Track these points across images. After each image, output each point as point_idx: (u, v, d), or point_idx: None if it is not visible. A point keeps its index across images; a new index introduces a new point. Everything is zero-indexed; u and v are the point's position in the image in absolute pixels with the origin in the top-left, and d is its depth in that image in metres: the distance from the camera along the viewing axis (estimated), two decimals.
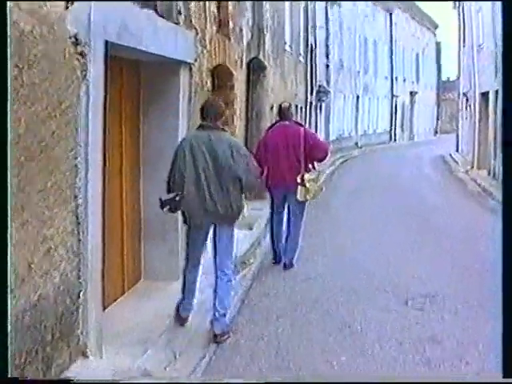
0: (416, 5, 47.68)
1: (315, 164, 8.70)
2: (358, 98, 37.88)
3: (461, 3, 28.28)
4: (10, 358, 3.87)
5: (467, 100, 27.17)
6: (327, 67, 30.92)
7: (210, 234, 6.20)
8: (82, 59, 4.75)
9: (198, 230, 6.14)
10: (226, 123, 6.50)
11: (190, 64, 7.69)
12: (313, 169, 8.56)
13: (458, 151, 31.71)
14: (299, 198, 8.32)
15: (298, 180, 8.22)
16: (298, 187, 8.24)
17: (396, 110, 44.74)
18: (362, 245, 10.22)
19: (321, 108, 29.42)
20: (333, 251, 9.78)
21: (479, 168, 22.15)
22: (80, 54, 4.72)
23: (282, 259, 8.75)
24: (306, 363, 5.53)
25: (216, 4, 9.40)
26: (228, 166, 5.86)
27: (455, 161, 28.20)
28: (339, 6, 32.53)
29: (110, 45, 5.19)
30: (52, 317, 4.54)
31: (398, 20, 44.29)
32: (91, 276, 5.13)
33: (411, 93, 48.24)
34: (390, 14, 42.87)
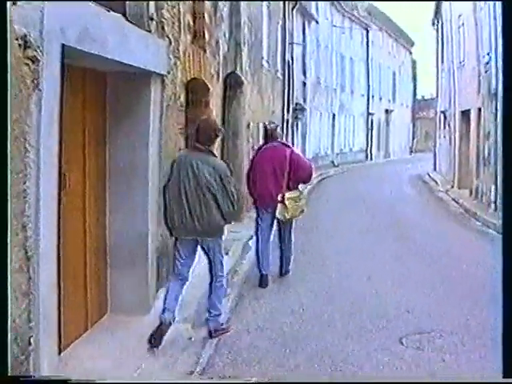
0: (393, 22, 47.60)
1: (299, 185, 8.96)
2: (334, 116, 37.53)
3: (440, 20, 27.96)
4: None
5: (445, 118, 26.77)
6: (304, 84, 30.49)
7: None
8: (32, 65, 4.03)
9: (182, 243, 6.46)
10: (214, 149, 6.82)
11: (162, 76, 7.01)
12: (294, 188, 8.78)
13: (435, 170, 31.32)
14: (278, 214, 8.63)
15: (279, 198, 8.53)
16: (278, 205, 8.56)
17: (372, 128, 44.53)
18: (348, 273, 9.54)
19: (297, 126, 28.91)
20: (315, 281, 9.04)
21: (460, 187, 21.68)
22: (30, 59, 4.00)
23: (266, 277, 8.74)
24: None
25: (191, 13, 8.75)
26: (209, 189, 6.20)
27: (434, 180, 27.75)
28: (317, 22, 32.13)
29: (68, 50, 4.49)
30: None
31: (374, 37, 44.15)
32: (44, 318, 4.42)
33: (387, 111, 48.13)
34: (367, 31, 42.66)
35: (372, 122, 44.43)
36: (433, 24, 30.23)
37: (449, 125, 25.49)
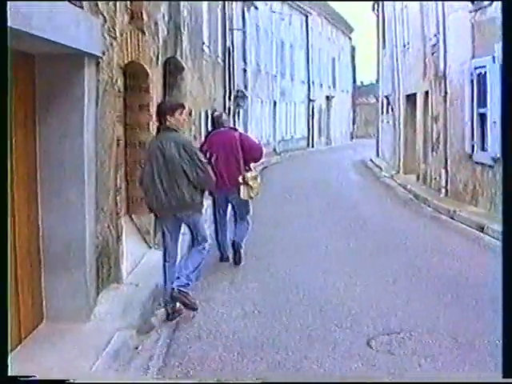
0: (332, 8, 47.34)
1: (251, 165, 9.23)
2: (275, 103, 37.05)
3: (381, 4, 27.67)
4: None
5: (388, 103, 26.51)
6: (244, 71, 29.92)
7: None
8: None
9: (162, 221, 6.85)
10: (181, 125, 6.99)
11: (96, 57, 6.33)
12: (249, 169, 9.07)
13: (378, 156, 31.15)
14: (243, 196, 8.82)
15: (240, 180, 8.71)
16: (241, 187, 8.74)
17: (313, 114, 44.27)
18: (303, 266, 9.01)
19: (239, 114, 28.33)
20: (270, 276, 8.49)
21: (405, 173, 21.43)
22: None
23: (228, 257, 9.19)
24: None
25: None
26: (174, 162, 6.46)
27: (378, 166, 27.53)
28: (256, 8, 31.55)
29: None
30: None
31: (314, 24, 43.77)
32: None
33: (327, 97, 47.99)
34: (306, 17, 42.26)
35: (313, 108, 44.15)
36: (373, 9, 29.99)
37: (392, 109, 25.23)
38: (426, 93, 17.88)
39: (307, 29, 42.79)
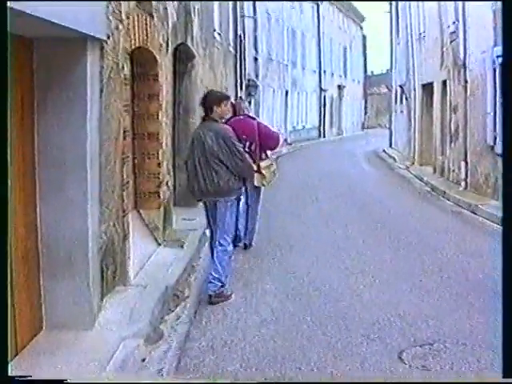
0: None
1: (268, 153, 9.31)
2: (286, 92, 36.47)
3: None
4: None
5: (403, 93, 25.89)
6: (256, 60, 29.37)
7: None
8: None
9: (205, 207, 7.28)
10: (224, 115, 7.34)
11: (100, 41, 5.80)
12: (266, 157, 9.20)
13: (391, 146, 30.60)
14: (256, 183, 8.97)
15: (255, 168, 8.47)
16: (255, 174, 8.59)
17: (325, 104, 43.68)
18: (321, 265, 8.53)
19: (250, 103, 27.76)
20: (286, 276, 7.99)
21: (421, 164, 20.87)
22: None
23: (242, 239, 9.30)
24: None
25: None
26: (212, 152, 6.85)
27: (391, 156, 26.98)
28: None
29: None
30: None
31: (325, 12, 43.10)
32: None
33: (339, 87, 47.43)
34: (318, 5, 41.58)
35: (325, 98, 43.56)
36: None
37: (406, 99, 24.65)
38: (444, 82, 17.27)
39: (318, 17, 42.10)
